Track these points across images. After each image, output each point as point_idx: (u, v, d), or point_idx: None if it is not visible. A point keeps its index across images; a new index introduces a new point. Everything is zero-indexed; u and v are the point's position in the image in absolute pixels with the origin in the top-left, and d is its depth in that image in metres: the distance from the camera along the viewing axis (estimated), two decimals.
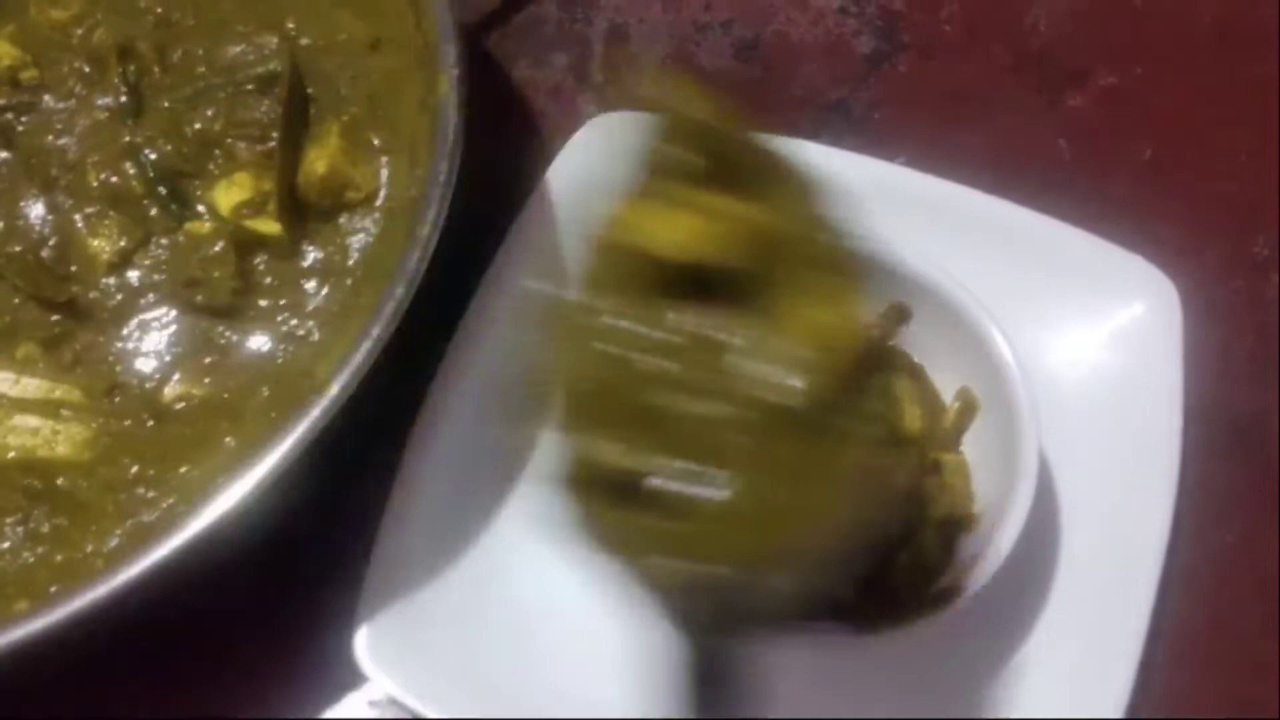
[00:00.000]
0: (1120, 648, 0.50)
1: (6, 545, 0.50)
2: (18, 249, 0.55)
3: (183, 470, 0.51)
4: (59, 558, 0.50)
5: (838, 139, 0.60)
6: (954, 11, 0.66)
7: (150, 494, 0.51)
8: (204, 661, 0.53)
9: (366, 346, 0.46)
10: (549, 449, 0.54)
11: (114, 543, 0.50)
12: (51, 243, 0.55)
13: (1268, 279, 0.59)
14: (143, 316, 0.55)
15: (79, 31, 0.60)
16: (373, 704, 0.52)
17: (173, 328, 0.55)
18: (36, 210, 0.56)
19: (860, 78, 0.64)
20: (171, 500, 0.50)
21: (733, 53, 0.65)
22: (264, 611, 0.53)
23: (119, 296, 0.55)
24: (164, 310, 0.55)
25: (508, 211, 0.58)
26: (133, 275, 0.55)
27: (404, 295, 0.47)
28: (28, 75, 0.59)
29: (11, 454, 0.52)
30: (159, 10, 0.60)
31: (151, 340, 0.54)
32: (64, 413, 0.53)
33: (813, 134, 0.60)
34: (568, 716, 0.50)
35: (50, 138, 0.57)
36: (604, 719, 0.50)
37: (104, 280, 0.55)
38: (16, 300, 0.55)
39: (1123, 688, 0.49)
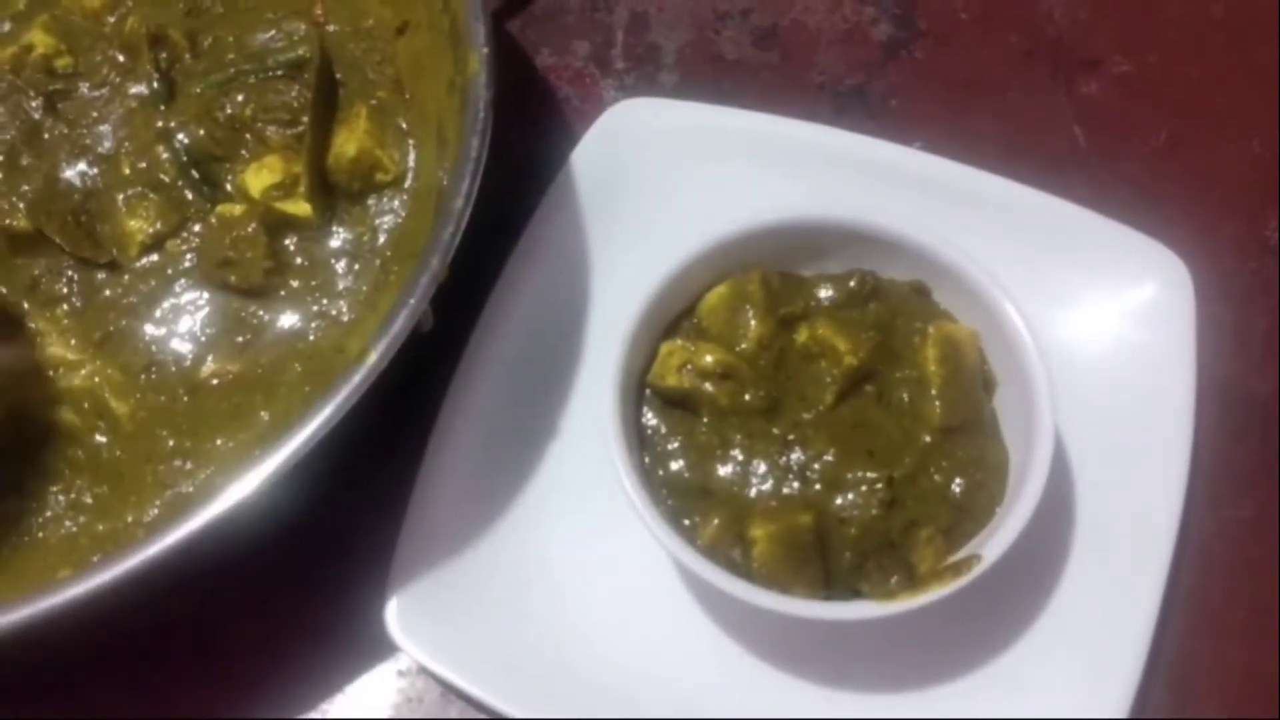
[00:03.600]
0: (1135, 619, 0.51)
1: (50, 514, 0.51)
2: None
3: (219, 442, 0.52)
4: (100, 527, 0.51)
5: (856, 124, 0.61)
6: None
7: (188, 465, 0.52)
8: (238, 630, 0.54)
9: (404, 315, 0.47)
10: (574, 429, 0.56)
11: (154, 513, 0.51)
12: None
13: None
14: (177, 297, 0.56)
15: (111, 20, 0.61)
16: (402, 673, 0.54)
17: (206, 308, 0.56)
18: (74, 200, 0.58)
19: (877, 64, 0.65)
20: (209, 471, 0.52)
21: (752, 40, 0.67)
22: (297, 582, 0.54)
23: (153, 281, 0.56)
24: (198, 290, 0.56)
25: (532, 197, 0.59)
26: (167, 257, 0.57)
27: (439, 267, 0.48)
28: (62, 63, 0.60)
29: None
30: None
31: (186, 320, 0.56)
32: (105, 391, 0.54)
33: (831, 120, 0.61)
34: (593, 685, 0.51)
35: (85, 129, 0.59)
36: (628, 692, 0.51)
37: (138, 263, 0.56)
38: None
39: (1137, 658, 0.50)
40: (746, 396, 0.50)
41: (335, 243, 0.57)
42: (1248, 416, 0.57)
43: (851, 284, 0.54)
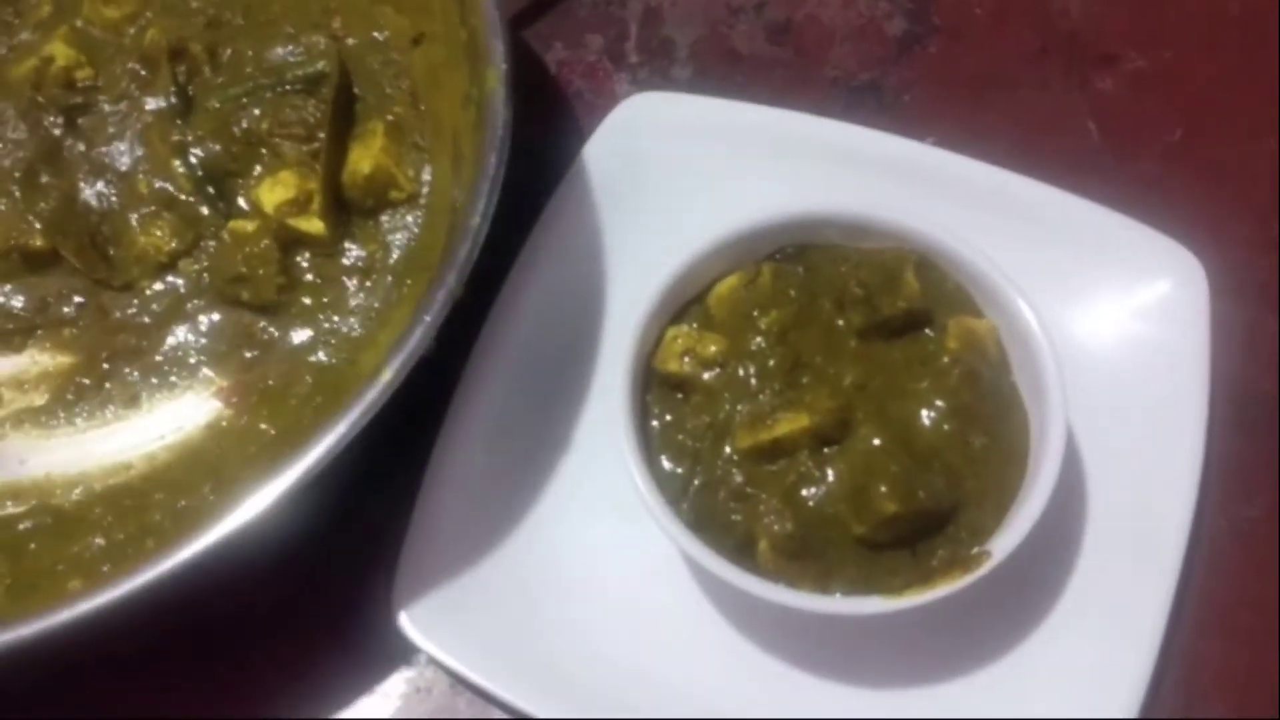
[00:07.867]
0: (1145, 618, 0.51)
1: None
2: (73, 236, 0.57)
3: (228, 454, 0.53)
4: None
5: (869, 120, 0.61)
6: None
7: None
8: (246, 623, 0.54)
9: (420, 332, 0.47)
10: (582, 423, 0.56)
11: (164, 523, 0.51)
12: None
13: None
14: (189, 315, 0.57)
15: (131, 31, 0.61)
16: (411, 664, 0.54)
17: (218, 324, 0.56)
18: (90, 220, 0.58)
19: (891, 59, 0.65)
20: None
21: (765, 35, 0.66)
22: (308, 575, 0.55)
23: (166, 300, 0.57)
24: (210, 307, 0.57)
25: (544, 190, 0.59)
26: (179, 276, 0.57)
27: (456, 284, 0.48)
28: (83, 75, 0.60)
29: None
30: (210, 10, 0.61)
31: (198, 336, 0.56)
32: None
33: (844, 115, 0.61)
34: (606, 681, 0.51)
35: (103, 146, 0.59)
36: (637, 688, 0.51)
37: (152, 285, 0.57)
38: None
39: (1148, 656, 0.50)
40: (749, 386, 0.50)
41: (347, 260, 0.57)
42: (1260, 415, 0.57)
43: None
